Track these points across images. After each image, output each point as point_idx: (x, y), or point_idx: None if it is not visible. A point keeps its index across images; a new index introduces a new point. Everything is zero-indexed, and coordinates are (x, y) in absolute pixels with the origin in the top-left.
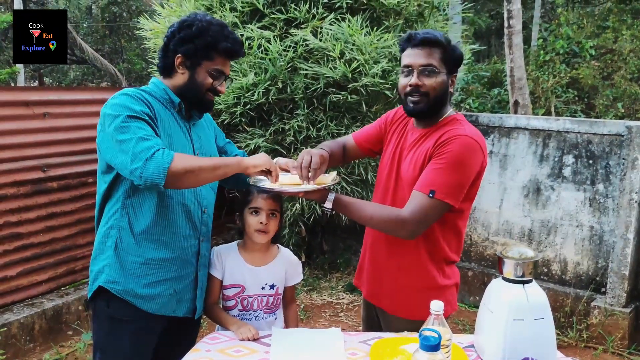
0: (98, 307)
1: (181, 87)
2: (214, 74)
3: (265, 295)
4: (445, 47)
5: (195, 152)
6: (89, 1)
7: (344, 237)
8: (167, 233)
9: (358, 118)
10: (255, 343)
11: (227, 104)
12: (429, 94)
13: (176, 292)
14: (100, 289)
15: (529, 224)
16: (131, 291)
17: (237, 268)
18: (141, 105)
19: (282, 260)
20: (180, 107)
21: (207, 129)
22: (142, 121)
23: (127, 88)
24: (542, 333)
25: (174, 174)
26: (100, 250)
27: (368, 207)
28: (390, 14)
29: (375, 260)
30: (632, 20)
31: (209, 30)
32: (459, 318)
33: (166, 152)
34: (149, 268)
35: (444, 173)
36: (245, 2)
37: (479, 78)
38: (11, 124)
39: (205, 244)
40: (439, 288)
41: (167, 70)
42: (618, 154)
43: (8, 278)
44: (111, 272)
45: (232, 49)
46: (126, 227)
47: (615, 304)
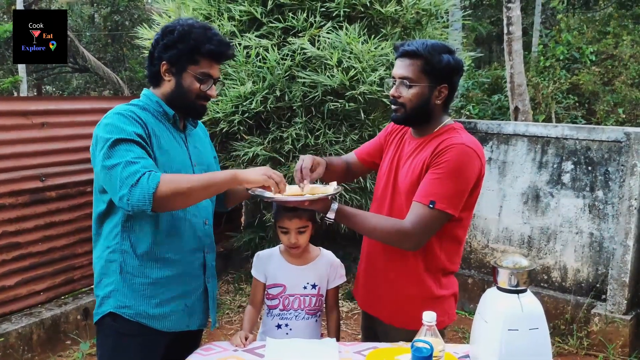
0: (105, 323)
1: (170, 95)
2: (200, 78)
3: (307, 295)
4: (426, 58)
5: (193, 164)
6: (91, 10)
7: (343, 244)
8: (171, 250)
9: (356, 126)
10: (248, 354)
11: (225, 112)
12: (405, 105)
13: (187, 307)
14: (110, 313)
15: (529, 231)
16: (143, 313)
17: (278, 268)
18: (133, 124)
19: (324, 260)
20: (175, 118)
21: (203, 138)
22: (132, 143)
23: (119, 105)
24: (537, 343)
25: (160, 199)
26: (105, 274)
27: (371, 218)
28: (388, 22)
29: (372, 270)
30: (633, 25)
31: (191, 34)
32: (459, 326)
33: (152, 177)
34: (157, 287)
35: (442, 183)
36: (243, 11)
37: (479, 84)
38: (9, 134)
39: (211, 254)
40: (435, 298)
41: (155, 79)
42: (617, 161)
43: (6, 288)
44: (120, 297)
45: (216, 51)
46: (129, 249)
47: (616, 311)
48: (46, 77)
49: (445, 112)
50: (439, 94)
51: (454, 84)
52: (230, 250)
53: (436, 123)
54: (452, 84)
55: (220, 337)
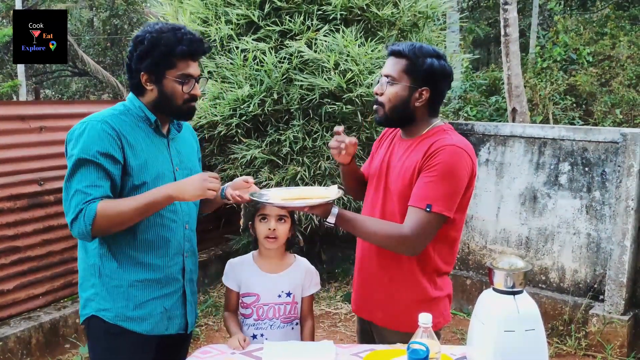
0: (93, 325)
1: (155, 103)
2: (180, 80)
3: (282, 303)
4: (410, 58)
5: (175, 168)
6: (90, 14)
7: (342, 246)
8: (150, 255)
9: (353, 128)
10: (246, 356)
11: (223, 115)
12: (384, 105)
13: (166, 310)
14: (92, 316)
15: (526, 232)
16: (122, 315)
17: (251, 276)
18: (101, 140)
19: (299, 268)
20: (157, 124)
21: (189, 142)
22: (92, 165)
23: (97, 114)
24: (534, 344)
25: (97, 231)
26: (86, 277)
27: (371, 223)
28: (385, 24)
29: (366, 273)
30: (630, 26)
31: (161, 40)
32: (457, 327)
33: (88, 213)
34: (136, 290)
35: (436, 186)
36: (240, 15)
37: (477, 86)
38: (7, 138)
39: (190, 259)
40: (430, 300)
41: (138, 89)
42: (614, 161)
43: (5, 292)
44: (100, 300)
45: (189, 50)
46: (107, 254)
47: (614, 311)
48: (45, 81)
49: (433, 115)
50: (420, 96)
51: (439, 88)
52: (228, 252)
53: (424, 125)
54: (435, 88)
55: (219, 340)
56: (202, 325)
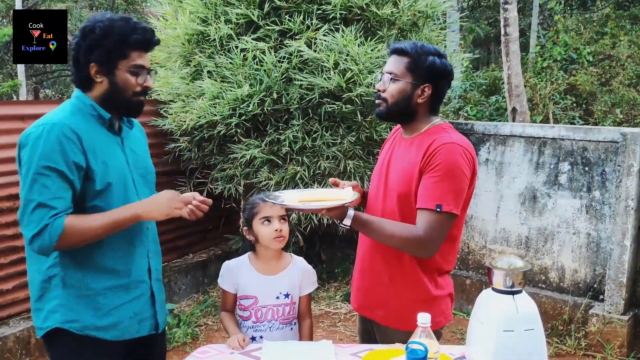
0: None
1: (105, 96)
2: (134, 70)
3: (280, 305)
4: (412, 56)
5: (130, 168)
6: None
7: (341, 246)
8: (113, 260)
9: (353, 128)
10: (245, 356)
11: (222, 115)
12: (387, 100)
13: (135, 314)
14: (56, 329)
15: (526, 232)
16: (91, 326)
17: (249, 279)
18: (62, 146)
19: (296, 268)
20: (111, 122)
21: (140, 139)
22: (55, 174)
23: (52, 114)
24: (533, 344)
25: (60, 247)
26: (47, 288)
27: (387, 225)
28: (384, 24)
29: (367, 272)
30: (631, 26)
31: (113, 28)
32: (457, 327)
33: (54, 229)
34: (103, 298)
35: (442, 185)
36: (240, 14)
37: (477, 85)
38: (7, 138)
39: (155, 258)
40: (432, 299)
41: (85, 83)
42: (614, 161)
43: (4, 291)
44: (66, 311)
45: (143, 40)
46: (69, 263)
47: (614, 311)
48: (45, 81)
49: (433, 112)
50: (422, 93)
51: (439, 87)
52: (228, 252)
53: (423, 123)
54: (436, 86)
55: (219, 340)
56: (201, 325)
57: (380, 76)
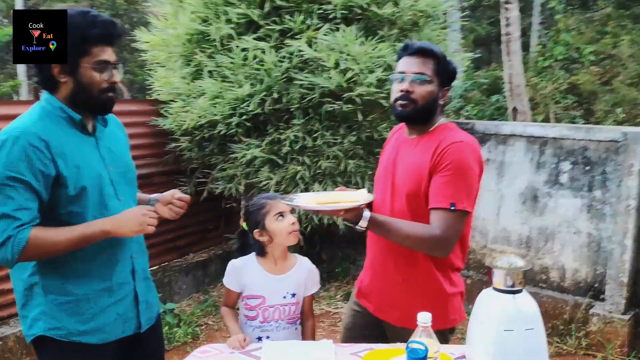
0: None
1: (72, 97)
2: (98, 67)
3: (286, 304)
4: (439, 59)
5: (108, 169)
6: None
7: (342, 246)
8: (93, 265)
9: (354, 127)
10: (245, 356)
11: (223, 114)
12: (417, 101)
13: (119, 315)
14: (42, 336)
15: (527, 231)
16: (75, 331)
17: (256, 278)
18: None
19: (302, 267)
20: (83, 123)
21: (117, 136)
22: (20, 184)
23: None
24: (533, 344)
25: (22, 260)
26: (29, 297)
27: (403, 225)
28: (385, 23)
29: (381, 274)
30: (632, 25)
31: (71, 24)
32: (457, 327)
33: (17, 241)
34: (86, 302)
35: (454, 184)
36: (240, 14)
37: (478, 85)
38: None
39: (140, 258)
40: (447, 296)
41: (49, 84)
42: (614, 161)
43: (4, 291)
44: (49, 319)
45: (105, 34)
46: (48, 270)
47: (615, 311)
48: None
49: (442, 113)
50: (443, 95)
51: (451, 87)
52: (228, 252)
53: (432, 122)
54: (450, 88)
55: (219, 339)
56: (202, 325)
57: (402, 77)
